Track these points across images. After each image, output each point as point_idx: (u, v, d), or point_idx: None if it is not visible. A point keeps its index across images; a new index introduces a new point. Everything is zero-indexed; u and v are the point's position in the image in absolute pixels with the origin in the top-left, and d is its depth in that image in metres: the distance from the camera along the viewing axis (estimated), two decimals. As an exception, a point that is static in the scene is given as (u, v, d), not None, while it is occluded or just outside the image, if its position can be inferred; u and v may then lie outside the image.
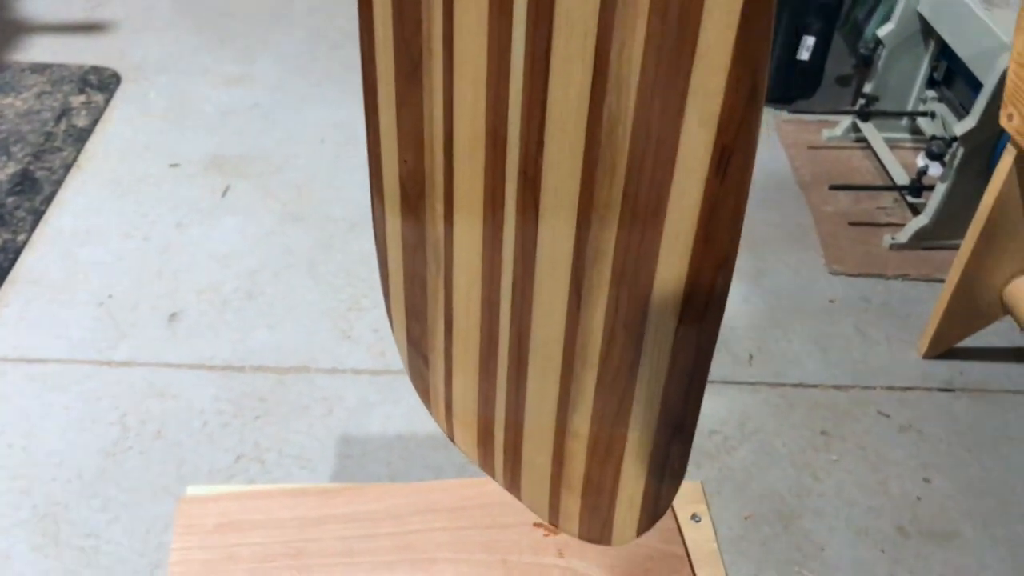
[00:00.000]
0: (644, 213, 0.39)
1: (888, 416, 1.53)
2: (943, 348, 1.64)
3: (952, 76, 2.04)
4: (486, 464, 0.61)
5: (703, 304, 0.39)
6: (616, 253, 0.41)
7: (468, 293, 0.52)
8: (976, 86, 1.77)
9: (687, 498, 0.89)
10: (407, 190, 0.52)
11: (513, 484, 0.58)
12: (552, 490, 0.54)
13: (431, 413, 0.66)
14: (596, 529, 0.53)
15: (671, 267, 0.39)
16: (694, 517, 0.88)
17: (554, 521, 0.56)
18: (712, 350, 0.41)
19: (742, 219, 0.37)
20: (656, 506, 0.48)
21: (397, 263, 0.57)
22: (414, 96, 0.47)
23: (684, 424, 0.44)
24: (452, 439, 0.65)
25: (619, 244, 0.41)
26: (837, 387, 1.58)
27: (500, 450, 0.57)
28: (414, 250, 0.55)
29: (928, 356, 1.64)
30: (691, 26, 0.34)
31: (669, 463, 0.46)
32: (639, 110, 0.37)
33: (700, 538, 0.86)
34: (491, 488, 0.89)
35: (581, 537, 0.55)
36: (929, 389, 1.59)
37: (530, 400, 0.51)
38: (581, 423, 0.49)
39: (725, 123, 0.35)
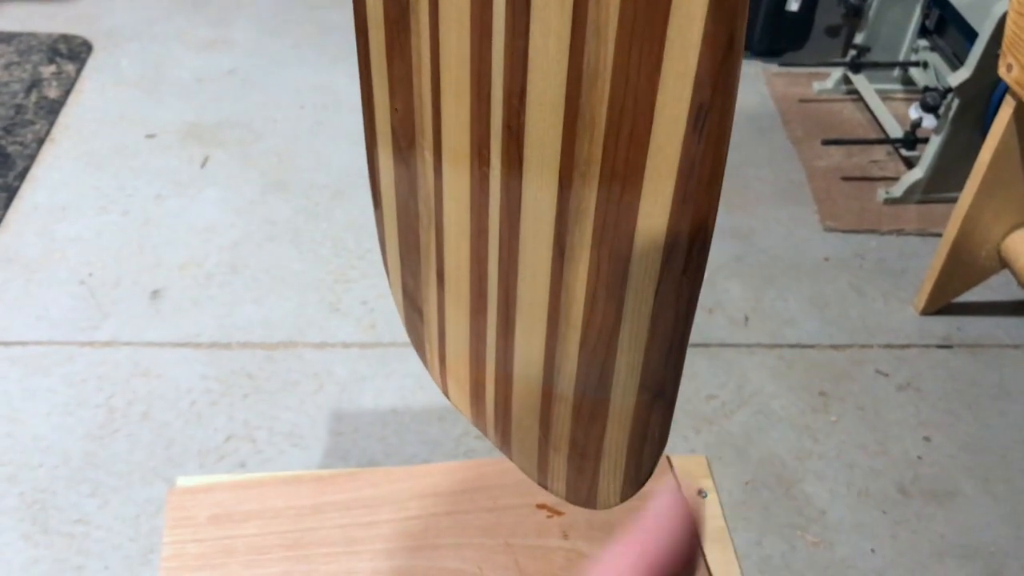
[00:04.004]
0: (623, 171, 0.37)
1: (886, 375, 1.52)
2: (940, 304, 1.62)
3: (944, 24, 2.00)
4: (478, 421, 0.61)
5: (681, 267, 0.38)
6: (597, 212, 0.40)
7: (458, 247, 0.51)
8: (969, 34, 1.73)
9: (693, 473, 0.87)
10: (398, 138, 0.51)
11: (504, 443, 0.58)
12: (540, 451, 0.54)
13: (426, 367, 0.66)
14: (582, 492, 0.53)
15: (650, 228, 0.38)
16: (700, 493, 0.85)
17: (543, 481, 0.56)
18: (692, 315, 0.40)
19: (721, 180, 0.36)
20: (638, 473, 0.48)
21: (391, 214, 0.56)
22: (403, 41, 0.45)
23: (664, 390, 0.43)
24: (447, 395, 0.64)
25: (599, 203, 0.39)
26: (834, 347, 1.56)
27: (491, 408, 0.57)
28: (407, 201, 0.53)
29: (925, 312, 1.62)
30: None
31: (650, 430, 0.45)
32: (618, 62, 0.35)
33: (707, 514, 0.84)
34: (491, 470, 0.87)
35: (568, 499, 0.55)
36: (927, 346, 1.57)
37: (517, 359, 0.51)
38: (566, 386, 0.48)
39: (702, 78, 0.33)
